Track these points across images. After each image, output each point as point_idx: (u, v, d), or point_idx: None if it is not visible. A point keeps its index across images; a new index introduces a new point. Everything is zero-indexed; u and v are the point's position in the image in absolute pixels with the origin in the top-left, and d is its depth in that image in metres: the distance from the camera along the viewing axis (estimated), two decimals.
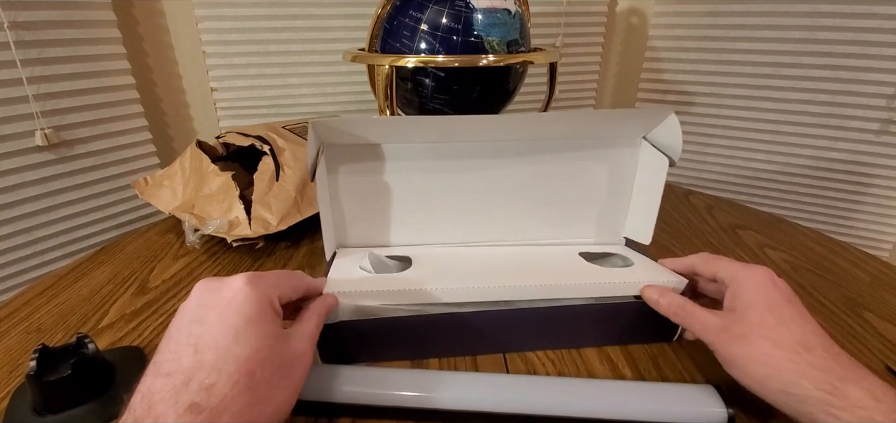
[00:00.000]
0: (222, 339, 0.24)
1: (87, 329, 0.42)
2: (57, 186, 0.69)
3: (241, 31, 0.79)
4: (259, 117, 0.85)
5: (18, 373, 0.38)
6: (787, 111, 0.87)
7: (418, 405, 0.33)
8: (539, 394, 0.33)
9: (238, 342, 0.24)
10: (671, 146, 0.43)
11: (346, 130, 0.42)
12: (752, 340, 0.29)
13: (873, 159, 0.85)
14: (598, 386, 0.34)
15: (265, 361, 0.24)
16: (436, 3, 0.56)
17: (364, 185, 0.45)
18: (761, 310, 0.30)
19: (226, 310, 0.25)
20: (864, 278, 0.51)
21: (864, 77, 0.80)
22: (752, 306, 0.30)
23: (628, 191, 0.48)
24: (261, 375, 0.24)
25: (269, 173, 0.58)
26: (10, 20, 0.60)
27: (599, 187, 0.48)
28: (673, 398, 0.33)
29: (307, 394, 0.33)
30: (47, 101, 0.65)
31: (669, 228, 0.63)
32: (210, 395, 0.22)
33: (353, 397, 0.33)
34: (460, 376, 0.35)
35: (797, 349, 0.27)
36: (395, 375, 0.34)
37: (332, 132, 0.42)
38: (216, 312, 0.25)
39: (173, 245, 0.57)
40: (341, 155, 0.44)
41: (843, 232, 0.91)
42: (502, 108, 0.66)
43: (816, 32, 0.80)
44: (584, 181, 0.48)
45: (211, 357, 0.23)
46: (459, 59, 0.55)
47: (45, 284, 0.50)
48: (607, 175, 0.48)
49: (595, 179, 0.48)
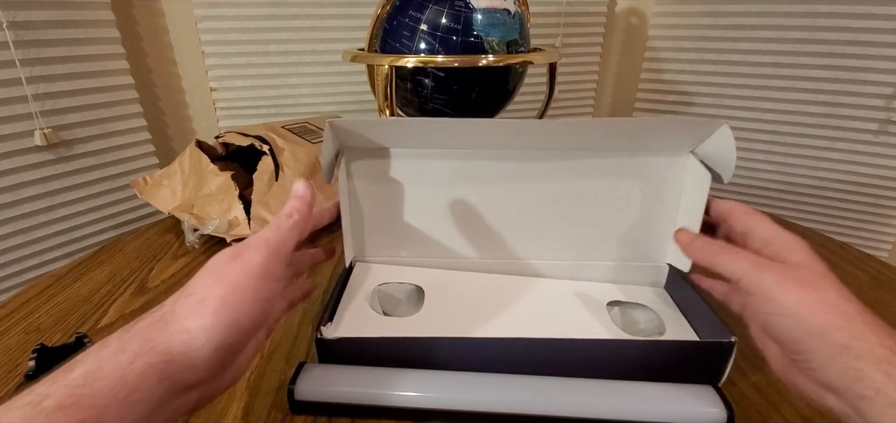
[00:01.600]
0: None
1: (87, 329, 0.42)
2: (56, 186, 0.69)
3: (240, 31, 0.79)
4: (258, 117, 0.85)
5: (17, 373, 0.38)
6: (786, 111, 0.87)
7: (418, 405, 0.33)
8: (539, 394, 0.33)
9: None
10: (723, 162, 0.38)
11: (368, 134, 0.39)
12: (824, 288, 0.27)
13: (872, 159, 0.85)
14: (598, 386, 0.34)
15: (201, 273, 0.25)
16: (435, 4, 0.56)
17: (384, 193, 0.43)
18: (824, 267, 0.29)
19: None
20: (864, 278, 0.51)
21: (862, 77, 0.80)
22: (816, 261, 0.29)
23: (671, 210, 0.43)
24: (193, 281, 0.24)
25: (269, 173, 0.58)
26: (8, 20, 0.60)
27: (639, 205, 0.43)
28: (672, 398, 0.33)
29: (307, 394, 0.33)
30: (46, 101, 0.65)
31: None
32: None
33: (352, 397, 0.33)
34: (460, 376, 0.35)
35: (858, 308, 0.26)
36: (395, 375, 0.34)
37: (353, 135, 0.39)
38: None
39: (173, 245, 0.57)
40: (361, 159, 0.41)
41: (842, 232, 0.91)
42: (502, 108, 0.66)
43: (815, 33, 0.81)
44: (622, 197, 0.43)
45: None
46: (459, 60, 0.55)
47: (44, 283, 0.50)
48: (649, 191, 0.42)
49: (634, 195, 0.43)
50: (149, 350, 0.21)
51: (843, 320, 0.26)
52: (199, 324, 0.22)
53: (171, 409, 0.22)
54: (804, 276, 0.28)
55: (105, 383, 0.20)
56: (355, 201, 0.43)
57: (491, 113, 0.65)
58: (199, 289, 0.23)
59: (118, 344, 0.21)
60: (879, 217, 0.88)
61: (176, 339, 0.22)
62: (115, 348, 0.21)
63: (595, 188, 0.42)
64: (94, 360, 0.20)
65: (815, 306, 0.26)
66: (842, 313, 0.26)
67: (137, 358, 0.21)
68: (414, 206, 0.43)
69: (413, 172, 0.42)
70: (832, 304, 0.26)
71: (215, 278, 0.24)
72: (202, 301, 0.23)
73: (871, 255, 0.55)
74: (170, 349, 0.21)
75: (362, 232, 0.44)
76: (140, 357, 0.21)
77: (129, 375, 0.20)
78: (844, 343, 0.25)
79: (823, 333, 0.26)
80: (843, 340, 0.25)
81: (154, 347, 0.21)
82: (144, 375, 0.20)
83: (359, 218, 0.43)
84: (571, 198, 0.43)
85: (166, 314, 0.23)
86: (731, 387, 0.35)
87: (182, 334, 0.22)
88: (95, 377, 0.20)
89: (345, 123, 0.38)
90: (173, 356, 0.21)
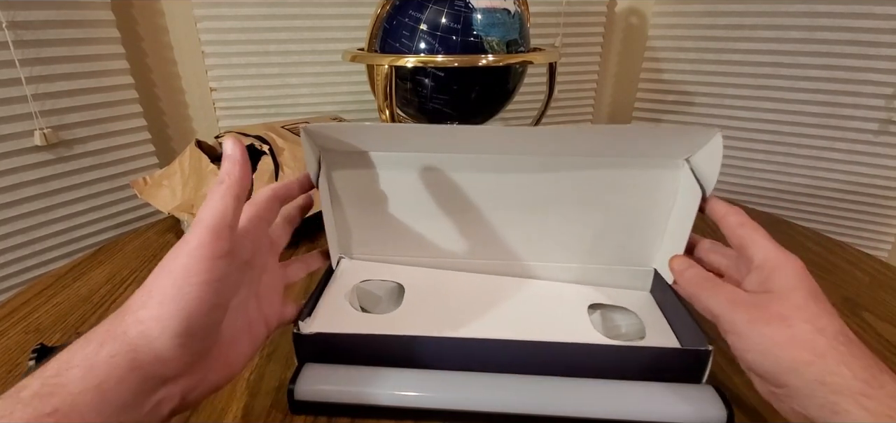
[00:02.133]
0: None
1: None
2: (56, 186, 0.69)
3: (240, 31, 0.79)
4: (258, 117, 0.85)
5: (17, 373, 0.38)
6: (785, 111, 0.87)
7: (417, 405, 0.33)
8: (538, 394, 0.33)
9: None
10: (707, 174, 0.37)
11: (344, 138, 0.39)
12: (795, 323, 0.27)
13: (872, 159, 0.85)
14: (597, 386, 0.34)
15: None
16: (435, 3, 0.56)
17: (365, 193, 0.42)
18: (805, 295, 0.28)
19: None
20: (863, 278, 0.51)
21: (862, 77, 0.80)
22: (796, 290, 0.28)
23: (662, 219, 0.42)
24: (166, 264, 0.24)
25: (269, 173, 0.58)
26: (8, 20, 0.60)
27: (630, 211, 0.42)
28: (672, 398, 0.33)
29: (306, 395, 0.33)
30: (46, 100, 0.65)
31: None
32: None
33: (353, 397, 0.33)
34: (459, 376, 0.35)
35: (839, 338, 0.26)
36: (395, 375, 0.34)
37: (329, 139, 0.39)
38: None
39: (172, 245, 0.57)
40: (341, 162, 0.41)
41: (842, 232, 0.91)
42: (502, 108, 0.66)
43: (815, 33, 0.81)
44: (612, 202, 0.42)
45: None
46: (459, 59, 0.55)
47: (43, 283, 0.50)
48: (641, 198, 0.42)
49: (626, 201, 0.42)
50: (111, 339, 0.21)
51: (815, 356, 0.26)
52: (149, 313, 0.22)
53: (155, 402, 0.22)
54: (776, 311, 0.28)
55: (76, 371, 0.20)
56: (338, 202, 0.43)
57: (491, 113, 0.65)
58: (149, 280, 0.24)
59: (86, 338, 0.22)
60: (879, 217, 0.88)
61: (132, 329, 0.22)
62: (83, 341, 0.22)
63: (584, 194, 0.42)
64: (66, 353, 0.21)
65: (785, 343, 0.26)
66: (813, 349, 0.26)
67: (102, 347, 0.21)
68: (398, 205, 0.43)
69: (395, 173, 0.42)
70: (803, 340, 0.26)
71: (162, 268, 0.24)
72: (150, 291, 0.23)
73: (871, 255, 0.55)
74: (129, 338, 0.22)
75: (348, 231, 0.44)
76: (104, 346, 0.21)
77: (97, 363, 0.21)
78: (819, 379, 0.25)
79: (795, 369, 0.26)
80: (816, 375, 0.25)
81: (116, 336, 0.22)
82: (112, 363, 0.21)
83: (342, 218, 0.43)
84: (561, 202, 0.43)
85: (124, 307, 0.23)
86: (731, 387, 0.35)
87: (138, 325, 0.22)
88: (66, 367, 0.20)
89: (320, 128, 0.38)
90: (135, 344, 0.22)
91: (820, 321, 0.27)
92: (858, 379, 0.24)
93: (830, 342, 0.26)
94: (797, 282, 0.29)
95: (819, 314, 0.27)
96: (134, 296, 0.23)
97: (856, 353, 0.25)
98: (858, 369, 0.24)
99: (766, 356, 0.27)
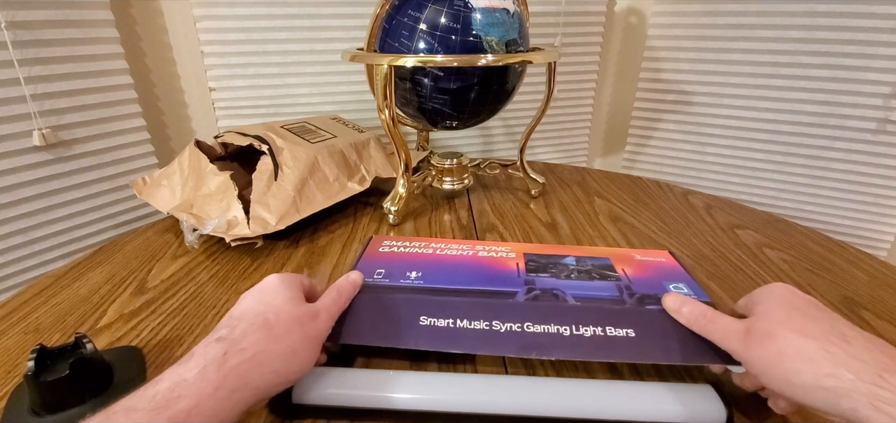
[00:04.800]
0: (249, 305, 0.32)
1: (86, 329, 0.42)
2: (55, 186, 0.69)
3: (239, 31, 0.79)
4: (257, 117, 0.85)
5: (16, 373, 0.38)
6: (785, 110, 0.87)
7: (417, 407, 0.33)
8: (538, 395, 0.33)
9: (259, 303, 0.32)
10: None
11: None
12: (778, 334, 0.28)
13: (871, 158, 0.85)
14: (597, 387, 0.34)
15: (280, 311, 0.31)
16: (435, 3, 0.56)
17: None
18: (786, 308, 0.29)
19: (255, 290, 0.33)
20: (863, 277, 0.51)
21: (861, 76, 0.80)
22: (777, 306, 0.29)
23: None
24: (275, 321, 0.30)
25: (268, 173, 0.58)
26: (7, 19, 0.60)
27: None
28: (672, 398, 0.33)
29: (307, 397, 0.33)
30: (45, 100, 0.65)
31: (668, 228, 0.63)
32: (232, 332, 0.29)
33: (351, 400, 0.33)
34: (460, 377, 0.35)
35: (832, 340, 0.26)
36: (395, 377, 0.34)
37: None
38: (250, 295, 0.33)
39: (172, 245, 0.57)
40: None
41: (842, 231, 0.91)
42: (501, 107, 0.66)
43: (814, 32, 0.81)
44: None
45: (237, 314, 0.31)
46: (458, 59, 0.55)
47: (43, 284, 0.50)
48: None
49: None
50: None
51: (803, 361, 0.26)
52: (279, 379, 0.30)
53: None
54: (761, 330, 0.29)
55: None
56: None
57: (490, 112, 0.65)
58: (285, 337, 0.30)
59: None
60: (878, 216, 0.88)
61: (255, 374, 0.28)
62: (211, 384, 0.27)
63: None
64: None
65: (774, 358, 0.27)
66: (802, 357, 0.26)
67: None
68: None
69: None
70: (790, 351, 0.27)
71: (301, 331, 0.31)
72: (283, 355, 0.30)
73: (870, 254, 0.55)
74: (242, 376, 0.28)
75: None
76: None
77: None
78: (815, 383, 0.25)
79: (789, 379, 0.27)
80: (812, 380, 0.26)
81: (247, 383, 0.28)
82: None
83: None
84: None
85: (258, 355, 0.29)
86: (731, 386, 0.35)
87: (266, 375, 0.29)
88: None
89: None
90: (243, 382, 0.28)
91: (804, 327, 0.27)
92: (865, 381, 0.24)
93: (821, 345, 0.26)
94: (777, 300, 0.30)
95: (802, 321, 0.28)
96: (246, 325, 0.30)
97: (857, 352, 0.25)
98: (863, 370, 0.24)
99: (766, 376, 0.28)
